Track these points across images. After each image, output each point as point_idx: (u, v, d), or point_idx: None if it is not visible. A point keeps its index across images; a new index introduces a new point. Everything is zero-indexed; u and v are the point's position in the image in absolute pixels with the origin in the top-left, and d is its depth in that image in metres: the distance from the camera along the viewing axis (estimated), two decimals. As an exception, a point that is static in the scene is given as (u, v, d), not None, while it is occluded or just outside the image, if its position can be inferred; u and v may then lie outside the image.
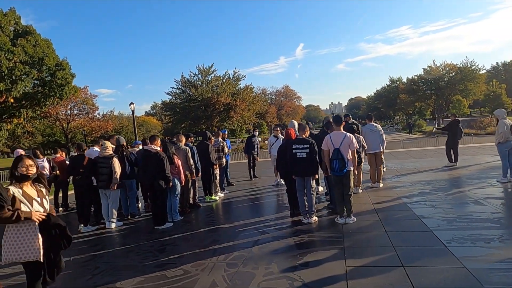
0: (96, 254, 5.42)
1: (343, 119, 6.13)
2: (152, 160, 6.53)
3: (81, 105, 38.54)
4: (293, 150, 6.10)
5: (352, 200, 5.99)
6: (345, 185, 5.95)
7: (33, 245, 3.09)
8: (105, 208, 7.14)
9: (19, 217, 2.99)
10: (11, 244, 3.08)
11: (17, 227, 3.10)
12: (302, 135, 6.25)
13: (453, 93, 51.26)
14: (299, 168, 6.10)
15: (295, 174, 6.16)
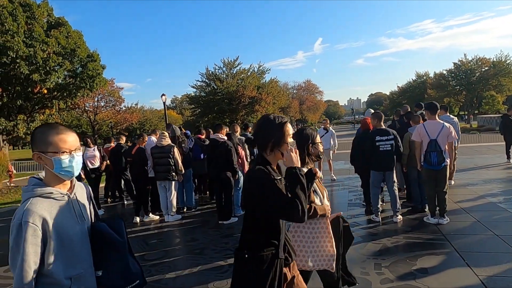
0: (167, 250, 5.03)
1: (438, 107, 5.50)
2: (219, 150, 6.09)
3: (107, 97, 38.82)
4: (376, 142, 5.53)
5: (447, 198, 5.38)
6: (440, 181, 5.32)
7: (326, 250, 2.49)
8: (163, 201, 6.77)
9: (316, 213, 2.44)
10: (302, 247, 2.49)
11: (307, 226, 2.50)
12: (380, 125, 5.66)
13: (486, 88, 49.09)
14: (381, 161, 5.53)
15: (376, 168, 5.60)
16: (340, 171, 11.25)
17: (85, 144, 8.07)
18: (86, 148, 8.01)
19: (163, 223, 6.60)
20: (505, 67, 47.68)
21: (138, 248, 5.20)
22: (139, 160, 6.69)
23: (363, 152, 5.86)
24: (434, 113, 5.42)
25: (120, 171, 8.71)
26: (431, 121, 5.38)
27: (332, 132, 10.22)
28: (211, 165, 6.23)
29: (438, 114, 5.49)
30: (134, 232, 6.14)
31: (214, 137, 6.20)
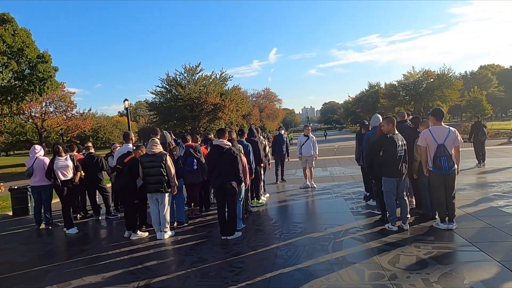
0: (178, 276, 4.35)
1: (444, 113, 5.45)
2: (224, 158, 5.50)
3: (57, 102, 35.87)
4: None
5: (455, 203, 5.33)
6: (449, 186, 5.27)
7: None
8: (155, 215, 6.01)
9: None
10: None
11: None
12: (394, 130, 5.47)
13: (432, 99, 52.86)
14: (399, 167, 5.33)
15: (393, 174, 5.38)
16: (321, 179, 11.07)
17: (55, 152, 7.03)
18: (56, 157, 6.97)
19: (156, 240, 5.84)
20: (447, 80, 51.77)
21: (139, 274, 4.45)
22: (129, 171, 5.88)
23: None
24: (440, 119, 5.37)
25: (94, 182, 7.75)
26: (436, 127, 5.33)
27: (313, 139, 10.01)
28: (213, 175, 5.62)
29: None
30: (126, 252, 5.33)
31: (218, 143, 5.60)
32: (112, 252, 5.43)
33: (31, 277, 4.70)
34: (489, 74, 76.43)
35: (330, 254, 4.57)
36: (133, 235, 6.06)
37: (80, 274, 4.61)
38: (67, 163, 7.04)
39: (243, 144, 6.92)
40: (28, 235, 7.13)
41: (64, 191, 6.96)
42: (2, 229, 7.78)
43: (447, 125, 5.41)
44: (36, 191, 7.36)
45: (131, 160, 5.95)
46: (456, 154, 5.25)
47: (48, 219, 7.47)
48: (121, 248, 5.61)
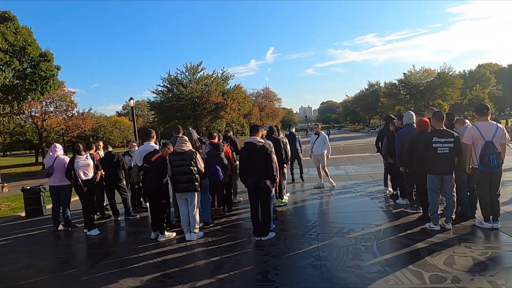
0: (216, 281, 4.13)
1: (488, 108, 5.26)
2: (257, 155, 5.29)
3: (58, 102, 35.45)
4: (433, 144, 5.13)
5: (500, 201, 5.16)
6: (494, 184, 5.11)
7: None
8: (184, 216, 5.79)
9: None
10: None
11: None
12: (440, 125, 5.27)
13: (432, 97, 52.90)
14: (438, 165, 5.13)
15: (432, 172, 5.20)
16: (337, 177, 10.87)
17: (76, 151, 6.78)
18: (77, 155, 6.73)
19: (186, 242, 5.61)
20: (448, 78, 51.82)
21: (179, 277, 4.23)
22: (157, 170, 5.65)
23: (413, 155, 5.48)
24: (485, 114, 5.18)
25: (114, 182, 7.51)
26: (483, 123, 5.13)
27: (324, 137, 9.78)
28: (246, 173, 5.40)
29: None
30: (157, 254, 5.10)
31: (251, 140, 5.38)
32: (142, 254, 5.20)
33: (63, 282, 4.47)
34: (487, 73, 76.68)
35: (378, 255, 4.37)
36: (161, 237, 5.84)
37: (115, 278, 4.38)
38: (88, 162, 6.80)
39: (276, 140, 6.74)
40: (47, 237, 6.89)
41: (85, 191, 6.72)
42: (17, 231, 7.52)
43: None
44: (55, 192, 7.11)
45: (159, 159, 5.72)
46: (502, 152, 5.07)
47: (67, 220, 7.23)
48: (150, 250, 5.39)
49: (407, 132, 6.19)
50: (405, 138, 6.13)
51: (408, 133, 6.15)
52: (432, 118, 5.38)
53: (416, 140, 5.44)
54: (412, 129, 6.19)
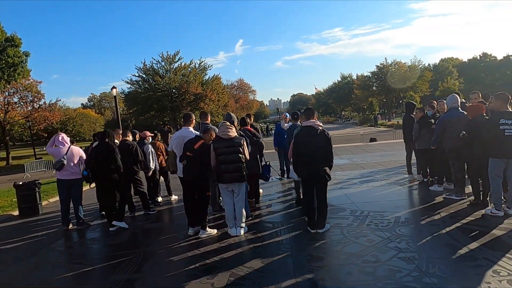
0: (303, 281, 3.68)
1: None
2: (317, 141, 4.83)
3: (23, 92, 32.84)
4: (500, 126, 4.93)
5: None
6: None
7: None
8: (230, 209, 5.25)
9: None
10: None
11: None
12: (505, 107, 5.04)
13: (404, 89, 54.64)
14: (506, 147, 4.93)
15: (498, 155, 4.98)
16: (345, 166, 10.65)
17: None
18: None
19: (234, 237, 5.08)
20: (418, 71, 53.73)
21: (254, 278, 3.73)
22: (201, 158, 5.05)
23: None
24: None
25: (130, 174, 6.77)
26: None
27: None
28: (302, 160, 4.93)
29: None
30: (212, 253, 4.53)
31: (310, 124, 4.90)
32: (192, 254, 4.60)
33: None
34: (450, 67, 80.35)
35: (462, 244, 4.10)
36: (202, 232, 5.26)
37: (183, 279, 3.81)
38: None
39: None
40: (63, 238, 6.05)
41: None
42: (17, 233, 6.60)
43: None
44: (65, 186, 6.29)
45: (202, 146, 5.12)
46: None
47: (80, 218, 6.43)
48: (199, 247, 4.80)
49: (455, 116, 5.98)
50: (452, 122, 5.92)
51: (455, 117, 5.94)
52: (496, 100, 5.17)
53: (478, 124, 5.22)
54: (459, 113, 5.99)
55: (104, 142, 5.95)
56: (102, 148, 5.95)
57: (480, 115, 5.33)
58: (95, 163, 5.92)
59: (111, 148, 5.96)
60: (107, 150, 5.91)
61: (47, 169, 21.22)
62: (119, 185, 6.16)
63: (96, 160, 5.90)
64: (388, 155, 12.74)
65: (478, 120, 5.28)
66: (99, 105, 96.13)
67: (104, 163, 5.88)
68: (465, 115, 5.84)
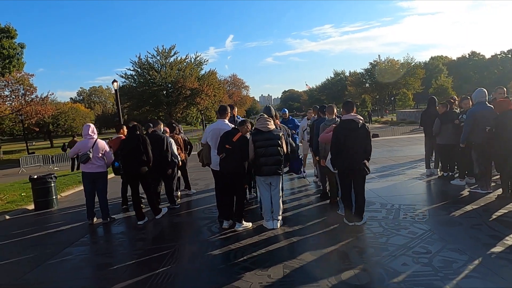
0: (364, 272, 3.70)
1: None
2: (358, 135, 4.85)
3: (14, 85, 32.01)
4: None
5: None
6: None
7: None
8: (267, 202, 5.24)
9: None
10: None
11: None
12: None
13: (397, 86, 55.31)
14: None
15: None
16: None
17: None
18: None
19: (272, 230, 5.07)
20: (411, 69, 54.39)
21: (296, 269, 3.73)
22: (240, 151, 5.01)
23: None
24: None
25: (161, 167, 6.68)
26: None
27: None
28: (342, 154, 4.93)
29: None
30: (252, 246, 4.51)
31: (351, 117, 4.90)
32: (234, 247, 4.58)
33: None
34: (440, 65, 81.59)
35: (505, 235, 4.19)
36: (238, 226, 5.24)
37: (236, 272, 3.79)
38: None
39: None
40: (91, 233, 5.94)
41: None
42: (39, 228, 6.47)
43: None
44: (91, 179, 6.17)
45: (241, 139, 5.08)
46: None
47: (105, 212, 6.33)
48: (239, 240, 4.78)
49: (482, 110, 6.07)
50: (480, 116, 6.01)
51: (483, 112, 6.03)
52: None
53: (507, 118, 5.32)
54: (486, 107, 6.09)
55: (135, 135, 5.85)
56: (133, 140, 5.86)
57: (509, 110, 5.43)
58: (126, 156, 5.83)
59: (143, 140, 5.87)
60: (138, 142, 5.82)
61: (43, 163, 20.85)
62: (147, 178, 6.08)
63: (127, 152, 5.81)
64: (395, 150, 12.88)
65: (508, 115, 5.38)
66: (88, 99, 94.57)
67: (134, 156, 5.79)
68: (493, 110, 5.94)
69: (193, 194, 8.04)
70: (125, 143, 5.98)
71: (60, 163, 20.46)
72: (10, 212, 7.70)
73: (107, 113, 73.66)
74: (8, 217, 7.44)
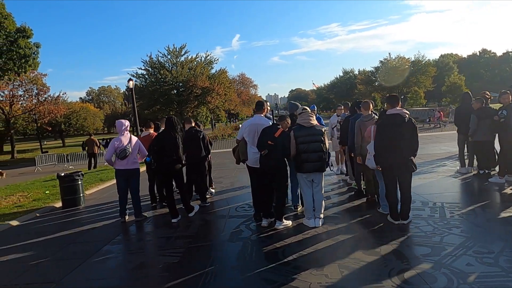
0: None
1: None
2: (406, 130, 4.68)
3: (28, 85, 32.30)
4: None
5: None
6: None
7: None
8: (309, 199, 5.10)
9: None
10: None
11: None
12: None
13: (407, 85, 54.64)
14: None
15: None
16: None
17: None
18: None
19: (315, 229, 4.93)
20: (422, 66, 53.67)
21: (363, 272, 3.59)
22: (283, 147, 4.88)
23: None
24: None
25: (198, 164, 6.58)
26: None
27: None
28: (387, 150, 4.77)
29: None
30: (300, 244, 4.38)
31: (397, 112, 4.73)
32: (280, 245, 4.45)
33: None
34: (450, 63, 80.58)
35: None
36: (279, 224, 5.10)
37: (290, 271, 3.66)
38: None
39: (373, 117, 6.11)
40: (126, 231, 5.85)
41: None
42: (72, 225, 6.41)
43: None
44: (125, 176, 6.09)
45: (283, 134, 4.94)
46: None
47: (138, 210, 6.25)
48: (282, 239, 4.63)
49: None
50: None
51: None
52: None
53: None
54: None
55: (169, 131, 5.75)
56: (167, 137, 5.76)
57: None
58: (160, 151, 5.74)
59: (176, 138, 5.77)
60: (172, 139, 5.72)
61: (57, 162, 20.97)
62: (179, 176, 5.97)
63: (161, 148, 5.72)
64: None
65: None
66: (97, 99, 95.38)
67: (170, 152, 5.70)
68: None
69: (212, 194, 7.78)
70: (160, 138, 5.88)
71: (74, 161, 20.55)
72: (39, 210, 7.67)
73: (116, 112, 74.05)
74: (38, 214, 7.41)
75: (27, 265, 4.53)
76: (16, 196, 9.37)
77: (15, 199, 9.07)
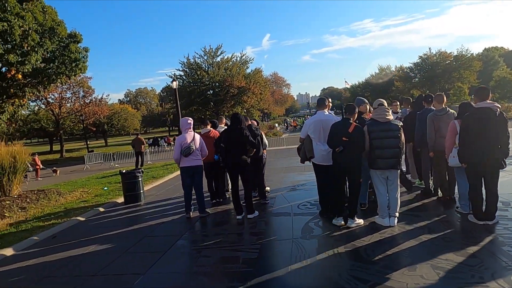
0: None
1: None
2: (497, 124, 4.37)
3: (75, 88, 34.11)
4: None
5: None
6: None
7: None
8: (383, 197, 4.93)
9: None
10: None
11: None
12: None
13: (450, 80, 52.12)
14: None
15: None
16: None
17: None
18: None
19: (391, 228, 4.76)
20: (465, 61, 50.95)
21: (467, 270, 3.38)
22: (358, 143, 4.75)
23: None
24: None
25: (258, 162, 6.60)
26: None
27: None
28: (474, 146, 4.49)
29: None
30: (383, 244, 4.24)
31: (488, 105, 4.39)
32: (359, 244, 4.33)
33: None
34: (496, 56, 75.86)
35: None
36: (351, 222, 4.97)
37: (383, 271, 3.53)
38: None
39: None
40: (195, 226, 5.96)
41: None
42: (138, 220, 6.64)
43: None
44: (190, 173, 6.20)
45: (357, 130, 4.80)
46: None
47: (203, 206, 6.35)
48: (360, 238, 4.49)
49: None
50: None
51: None
52: None
53: None
54: None
55: (238, 127, 5.78)
56: (235, 133, 5.78)
57: None
58: (229, 147, 5.78)
59: (245, 134, 5.77)
60: (241, 135, 5.74)
61: (104, 160, 22.01)
62: (247, 170, 5.96)
63: (230, 143, 5.76)
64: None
65: None
66: (135, 100, 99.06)
67: (238, 147, 5.73)
68: None
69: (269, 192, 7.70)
70: (228, 134, 5.92)
71: (119, 160, 21.45)
72: (104, 205, 8.02)
73: (153, 113, 76.55)
74: (102, 209, 7.75)
75: (109, 257, 4.72)
76: (79, 192, 9.88)
77: (78, 194, 9.56)
